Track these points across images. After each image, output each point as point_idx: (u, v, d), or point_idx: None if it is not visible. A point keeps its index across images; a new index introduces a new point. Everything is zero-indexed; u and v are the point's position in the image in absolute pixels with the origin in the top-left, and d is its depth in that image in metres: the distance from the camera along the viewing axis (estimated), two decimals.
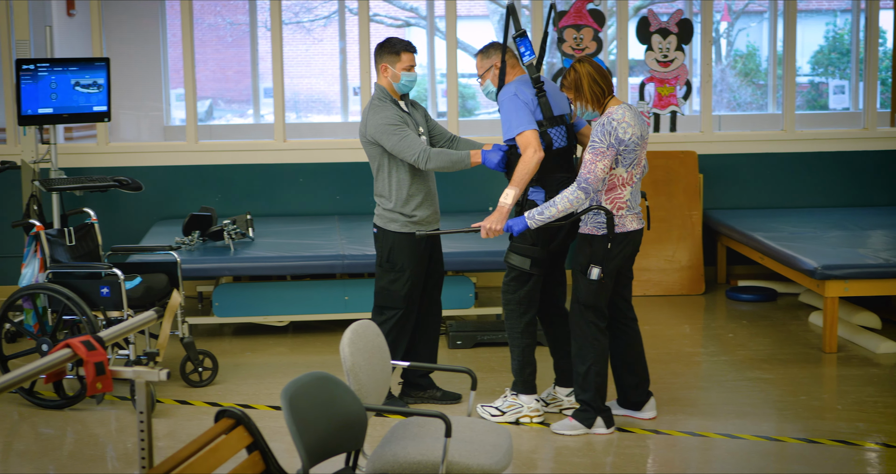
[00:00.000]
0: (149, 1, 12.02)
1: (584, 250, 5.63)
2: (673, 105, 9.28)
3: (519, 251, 5.84)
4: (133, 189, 7.06)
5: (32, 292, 6.32)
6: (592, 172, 5.41)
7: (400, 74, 5.98)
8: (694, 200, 9.00)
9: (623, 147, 5.44)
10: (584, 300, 5.66)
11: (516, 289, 5.92)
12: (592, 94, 5.50)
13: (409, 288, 6.06)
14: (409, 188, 5.98)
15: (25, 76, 7.26)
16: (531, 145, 5.62)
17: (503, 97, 5.79)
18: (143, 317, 3.96)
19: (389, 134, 5.86)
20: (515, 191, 5.64)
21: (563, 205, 5.45)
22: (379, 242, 6.11)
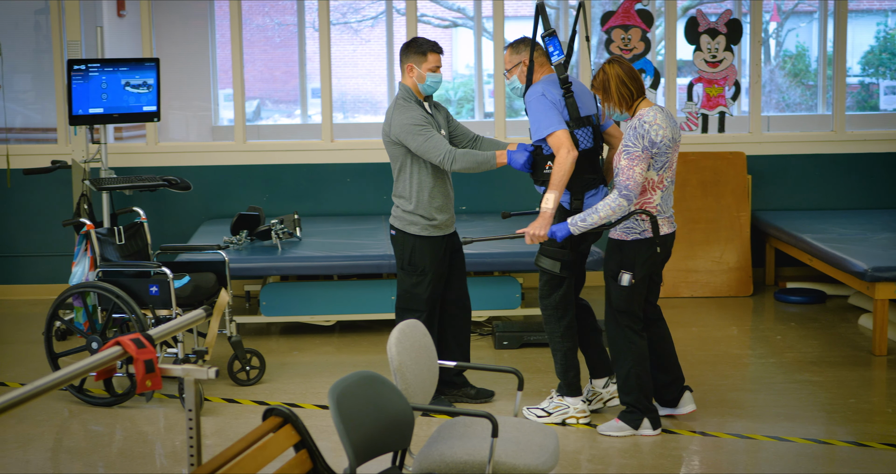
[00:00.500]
0: (198, 2, 12.09)
1: (615, 256, 5.61)
2: (721, 106, 9.22)
3: (549, 254, 5.84)
4: (182, 188, 7.11)
5: (83, 290, 6.38)
6: (631, 178, 5.38)
7: (426, 75, 5.96)
8: (742, 201, 8.94)
9: (655, 149, 5.41)
10: (616, 305, 5.66)
11: (550, 293, 5.91)
12: (620, 95, 5.47)
13: (431, 290, 6.05)
14: (431, 190, 5.97)
15: (77, 76, 7.32)
16: (564, 145, 5.59)
17: (530, 97, 5.76)
18: (192, 315, 3.98)
19: (415, 134, 5.84)
20: (555, 195, 5.61)
21: (605, 212, 5.42)
22: (398, 245, 6.10)
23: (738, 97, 9.29)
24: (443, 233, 6.05)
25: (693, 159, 8.99)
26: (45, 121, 10.44)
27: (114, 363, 3.51)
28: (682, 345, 7.44)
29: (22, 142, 9.95)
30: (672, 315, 8.25)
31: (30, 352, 7.43)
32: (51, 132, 9.87)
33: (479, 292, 7.70)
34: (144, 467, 5.46)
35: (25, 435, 5.88)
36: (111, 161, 8.36)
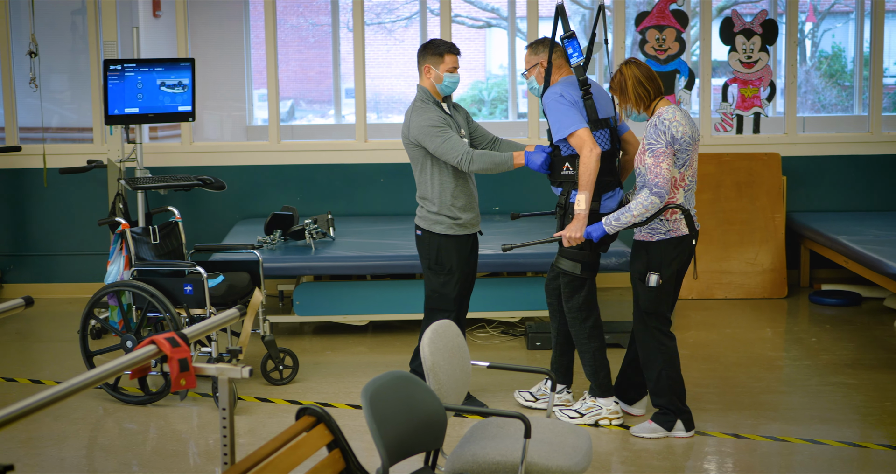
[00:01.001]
0: (233, 2, 12.14)
1: (641, 257, 5.62)
2: (756, 106, 9.17)
3: (569, 256, 5.84)
4: (216, 188, 7.14)
5: (118, 289, 6.42)
6: (660, 175, 5.38)
7: (443, 76, 5.98)
8: (777, 203, 8.89)
9: (677, 146, 5.42)
10: (645, 307, 5.66)
11: (572, 294, 5.92)
12: (637, 95, 5.48)
13: (459, 288, 6.08)
14: (453, 190, 5.98)
15: (113, 76, 7.37)
16: (586, 144, 5.60)
17: (549, 98, 5.77)
18: (226, 314, 4.00)
19: (433, 135, 5.85)
20: (586, 195, 5.62)
21: (638, 210, 5.42)
22: (424, 245, 6.11)
23: (773, 98, 9.24)
24: (468, 231, 6.08)
25: (728, 160, 8.95)
26: (80, 121, 10.52)
27: (148, 362, 3.53)
28: (715, 346, 7.42)
29: (58, 142, 10.04)
30: (706, 316, 8.23)
31: (65, 350, 7.49)
32: (86, 132, 9.94)
33: (511, 293, 7.71)
34: (178, 465, 5.48)
35: (61, 432, 5.93)
36: (146, 160, 8.41)
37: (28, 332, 8.07)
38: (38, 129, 9.21)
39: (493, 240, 7.32)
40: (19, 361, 7.40)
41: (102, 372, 3.33)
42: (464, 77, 6.12)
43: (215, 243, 7.90)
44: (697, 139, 5.55)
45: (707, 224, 8.83)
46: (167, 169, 8.86)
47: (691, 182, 5.56)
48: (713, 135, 9.18)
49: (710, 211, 8.85)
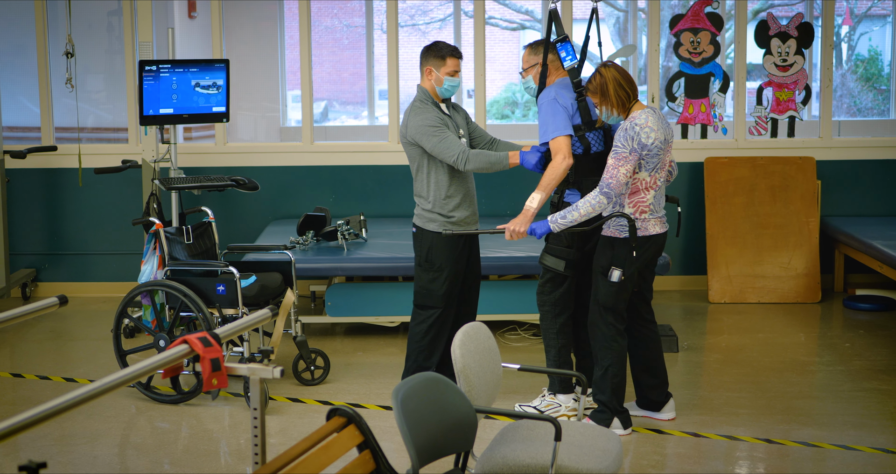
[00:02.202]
0: (268, 4, 12.18)
1: (606, 252, 5.66)
2: (791, 110, 9.12)
3: (554, 253, 5.91)
4: (250, 189, 7.16)
5: (151, 289, 6.45)
6: (615, 177, 5.43)
7: (443, 79, 6.05)
8: (811, 207, 8.84)
9: (646, 151, 5.45)
10: (603, 302, 5.70)
11: (551, 290, 5.98)
12: (618, 98, 5.53)
13: (447, 286, 6.13)
14: (448, 189, 6.06)
15: (148, 77, 7.41)
16: (561, 151, 5.70)
17: (542, 100, 5.84)
18: (258, 314, 4.02)
19: (429, 135, 5.93)
20: (541, 196, 5.72)
21: (585, 209, 5.48)
22: (418, 242, 6.19)
23: (808, 101, 9.18)
24: (453, 229, 6.12)
25: (762, 164, 8.91)
26: (115, 121, 10.59)
27: (181, 361, 3.55)
28: (748, 351, 7.38)
29: (93, 142, 10.10)
30: (739, 321, 8.19)
31: (98, 348, 7.54)
32: (121, 132, 10.00)
33: None
34: (209, 464, 5.51)
35: (93, 430, 5.96)
36: (180, 161, 8.45)
37: (62, 331, 8.13)
38: (73, 129, 9.27)
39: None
40: (53, 359, 7.45)
41: (136, 370, 3.35)
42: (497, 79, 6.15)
43: (248, 243, 7.94)
44: (671, 141, 5.60)
45: (741, 228, 8.79)
46: (201, 169, 8.90)
47: (663, 183, 5.63)
48: (747, 139, 9.13)
49: (743, 214, 8.81)
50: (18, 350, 7.65)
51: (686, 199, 9.12)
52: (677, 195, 9.10)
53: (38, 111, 9.24)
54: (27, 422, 3.05)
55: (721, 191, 8.89)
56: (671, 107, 9.14)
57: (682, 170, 9.08)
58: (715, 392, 6.56)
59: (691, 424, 5.96)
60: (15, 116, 10.02)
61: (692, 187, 9.12)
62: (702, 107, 9.09)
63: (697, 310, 8.58)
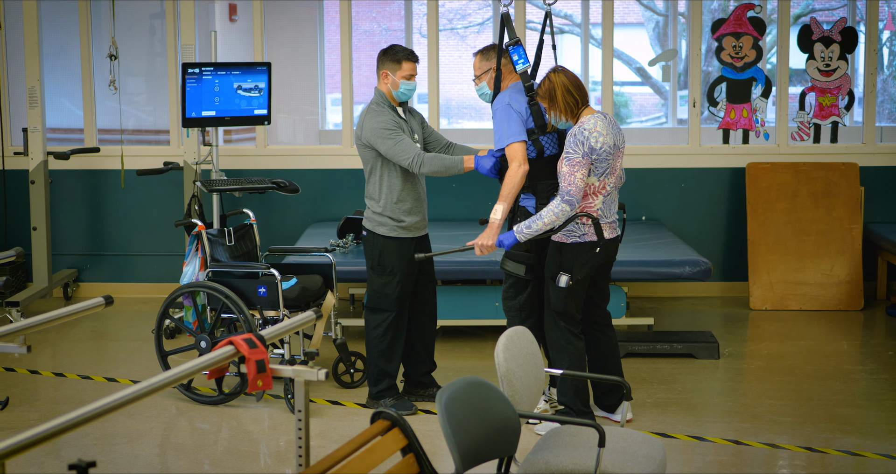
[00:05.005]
0: (307, 7, 12.23)
1: (555, 257, 5.68)
2: (834, 115, 9.05)
3: (514, 257, 5.92)
4: (290, 191, 7.18)
5: (193, 290, 6.47)
6: (573, 184, 5.43)
7: (399, 82, 6.07)
8: (854, 213, 8.76)
9: (595, 156, 5.46)
10: (554, 307, 5.73)
11: (515, 295, 6.01)
12: (566, 104, 5.54)
13: (400, 290, 6.16)
14: (400, 193, 6.09)
15: (190, 79, 7.44)
16: (517, 158, 5.70)
17: (497, 105, 5.85)
18: (302, 316, 4.03)
19: (384, 138, 5.95)
20: (504, 206, 5.72)
21: (549, 218, 5.48)
22: (368, 245, 6.22)
23: (851, 107, 9.11)
24: (412, 234, 6.18)
25: (805, 170, 8.84)
26: (156, 124, 10.65)
27: (226, 362, 3.56)
28: (790, 358, 7.32)
29: (135, 144, 10.16)
30: (780, 328, 8.13)
31: (140, 348, 7.57)
32: (162, 134, 10.05)
33: None
34: (249, 466, 5.52)
35: (134, 430, 5.99)
36: (221, 163, 8.48)
37: (103, 331, 8.17)
38: (115, 131, 9.33)
39: None
40: (95, 359, 7.49)
41: (182, 371, 3.36)
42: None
43: (289, 246, 7.96)
44: (621, 147, 5.61)
45: (783, 234, 8.73)
46: (242, 171, 8.93)
47: (613, 189, 5.62)
48: (790, 144, 9.07)
49: (785, 220, 8.75)
50: (60, 349, 7.70)
51: (727, 205, 9.08)
52: (718, 200, 9.09)
53: (80, 113, 9.30)
54: (74, 423, 3.07)
55: (763, 197, 8.83)
56: (712, 111, 9.09)
57: (723, 174, 9.04)
58: (757, 399, 6.51)
59: (733, 432, 5.92)
60: (58, 118, 10.10)
61: (734, 193, 9.07)
62: (744, 112, 9.03)
63: (738, 316, 8.52)
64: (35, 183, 8.51)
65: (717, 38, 9.03)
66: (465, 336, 7.89)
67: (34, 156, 8.49)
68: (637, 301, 8.81)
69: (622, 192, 8.81)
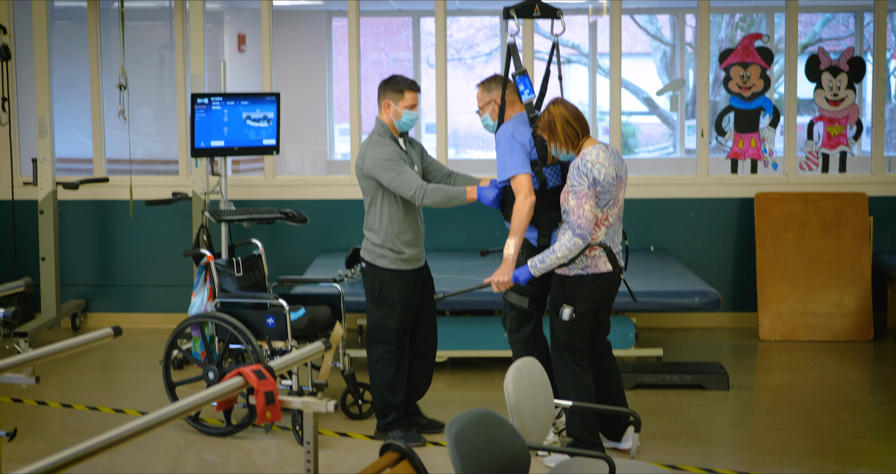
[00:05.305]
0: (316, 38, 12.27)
1: (558, 290, 5.67)
2: (843, 145, 9.05)
3: (517, 289, 5.89)
4: (299, 221, 7.18)
5: (201, 320, 6.46)
6: (582, 216, 5.42)
7: (402, 112, 6.06)
8: (863, 243, 8.74)
9: (599, 187, 5.45)
10: (559, 340, 5.70)
11: (518, 327, 5.99)
12: (566, 135, 5.52)
13: (401, 322, 6.15)
14: (400, 225, 6.07)
15: (199, 109, 7.46)
16: (522, 190, 5.68)
17: (500, 137, 5.84)
18: (311, 347, 4.01)
19: (387, 169, 5.93)
20: (516, 240, 5.69)
21: (562, 252, 5.46)
22: (368, 277, 6.18)
23: (859, 137, 9.11)
24: (412, 266, 6.16)
25: (813, 200, 8.83)
26: (165, 154, 10.68)
27: (235, 394, 3.55)
28: (800, 389, 7.29)
29: (143, 174, 10.19)
30: (790, 359, 8.10)
31: (147, 379, 7.55)
32: (171, 164, 10.07)
33: None
34: None
35: (142, 462, 5.96)
36: (230, 193, 8.49)
37: (111, 361, 8.16)
38: (125, 161, 9.35)
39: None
40: (102, 390, 7.48)
41: (190, 403, 3.35)
42: None
43: (297, 276, 7.94)
44: (624, 178, 5.59)
45: (792, 264, 8.71)
46: (250, 202, 8.93)
47: (616, 220, 5.61)
48: (798, 174, 9.07)
49: (795, 251, 8.73)
50: (67, 380, 7.69)
51: (736, 235, 9.06)
52: (727, 230, 9.07)
53: (90, 143, 9.33)
54: (81, 455, 3.05)
55: (772, 227, 8.81)
56: (721, 141, 9.09)
57: (732, 204, 9.03)
58: (767, 431, 6.48)
59: (743, 464, 5.89)
60: (67, 148, 10.13)
61: (742, 223, 9.06)
62: (752, 141, 9.03)
63: (748, 347, 8.49)
64: (44, 213, 8.52)
65: (724, 67, 9.05)
66: (474, 367, 7.86)
67: (43, 186, 8.50)
68: (646, 332, 8.78)
69: (629, 221, 8.82)
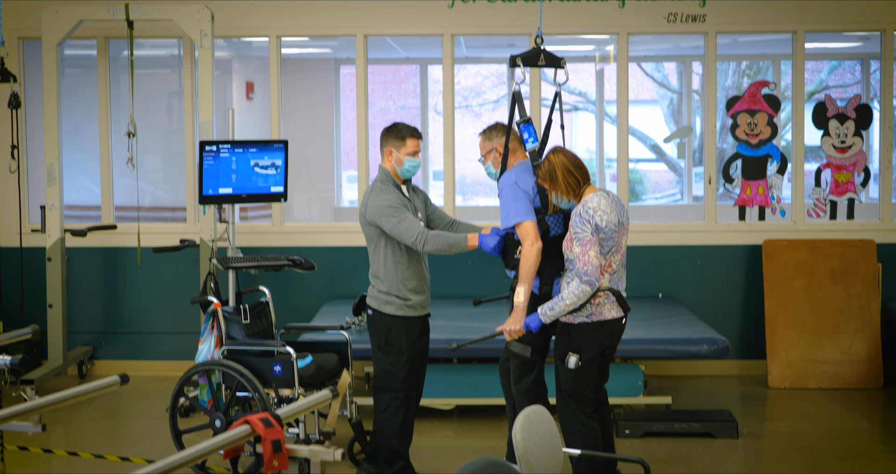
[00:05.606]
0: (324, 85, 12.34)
1: (563, 338, 5.64)
2: (850, 192, 9.05)
3: (520, 338, 5.84)
4: (306, 268, 7.18)
5: (208, 368, 6.45)
6: (589, 263, 5.41)
7: (404, 159, 6.08)
8: (872, 290, 8.72)
9: (602, 234, 5.45)
10: (565, 388, 5.66)
11: (520, 377, 5.95)
12: (567, 184, 5.53)
13: (408, 369, 6.13)
14: (405, 271, 6.06)
15: (208, 157, 7.48)
16: (529, 237, 5.66)
17: (504, 184, 5.84)
18: (319, 395, 4.00)
19: (389, 216, 5.94)
20: (525, 288, 5.66)
21: (570, 300, 5.44)
22: (374, 324, 6.16)
23: (867, 183, 9.12)
24: (418, 313, 6.14)
25: (821, 247, 8.81)
26: (173, 201, 10.70)
27: (242, 442, 3.53)
28: (810, 438, 7.24)
29: (151, 221, 10.20)
30: (800, 407, 8.05)
31: (153, 427, 7.52)
32: (179, 211, 10.09)
33: None
34: None
35: None
36: (237, 240, 8.49)
37: (117, 409, 8.13)
38: (132, 208, 9.37)
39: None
40: (108, 438, 7.44)
41: (197, 451, 3.33)
42: None
43: (304, 323, 7.93)
44: (625, 224, 5.59)
45: (801, 311, 8.68)
46: (258, 249, 8.94)
47: (619, 266, 5.60)
48: (806, 221, 9.06)
49: (803, 298, 8.71)
50: (74, 428, 7.66)
51: (744, 282, 9.04)
52: (735, 277, 9.06)
53: (98, 190, 9.35)
54: None
55: (780, 274, 8.79)
56: (728, 188, 9.10)
57: (740, 252, 9.02)
58: None
59: None
60: (76, 195, 10.16)
61: (751, 270, 9.04)
62: (759, 188, 9.04)
63: (757, 395, 8.44)
64: (52, 260, 8.53)
65: (731, 115, 9.07)
66: (481, 415, 7.82)
67: (51, 233, 8.52)
68: (654, 379, 8.74)
69: (638, 268, 8.82)
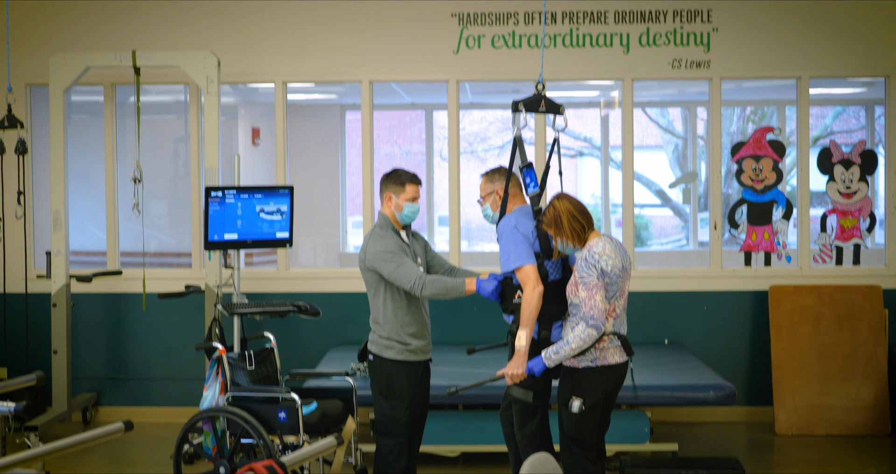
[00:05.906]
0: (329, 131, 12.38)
1: (567, 383, 5.63)
2: (856, 237, 9.04)
3: (521, 383, 5.83)
4: (311, 314, 7.17)
5: (213, 414, 6.42)
6: (595, 307, 5.42)
7: (403, 205, 6.12)
8: (879, 336, 8.69)
9: (607, 279, 5.46)
10: (568, 433, 5.65)
11: (523, 423, 5.92)
12: (573, 230, 5.55)
13: (409, 414, 6.11)
14: (405, 316, 6.06)
15: (213, 203, 7.50)
16: (530, 281, 5.66)
17: (503, 228, 5.85)
18: (324, 442, 3.98)
19: (387, 261, 5.95)
20: (526, 332, 5.65)
21: (576, 344, 5.44)
22: (375, 369, 6.15)
23: (872, 229, 9.11)
24: (419, 358, 6.14)
25: (828, 292, 8.79)
26: (178, 246, 10.71)
27: None
28: None
29: (156, 267, 10.21)
30: (807, 454, 8.00)
31: None
32: (184, 256, 10.10)
33: None
34: None
35: None
36: (243, 286, 8.48)
37: (121, 456, 8.09)
38: (138, 254, 9.38)
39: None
40: None
41: None
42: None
43: (309, 369, 7.91)
44: (629, 269, 5.61)
45: (807, 357, 8.65)
46: (263, 294, 8.93)
47: (622, 311, 5.60)
48: (812, 267, 9.05)
49: (809, 344, 8.68)
50: None
51: (750, 328, 9.02)
52: (741, 323, 9.03)
53: (103, 236, 9.37)
54: None
55: (786, 320, 8.77)
56: (734, 234, 9.10)
57: (746, 297, 9.00)
58: None
59: None
60: (81, 241, 10.17)
61: (757, 315, 9.02)
62: (765, 234, 9.04)
63: (764, 442, 8.39)
64: (57, 306, 8.52)
65: (737, 160, 9.09)
66: (487, 462, 7.78)
67: (57, 279, 8.52)
68: (660, 426, 8.69)
69: (643, 314, 8.80)
